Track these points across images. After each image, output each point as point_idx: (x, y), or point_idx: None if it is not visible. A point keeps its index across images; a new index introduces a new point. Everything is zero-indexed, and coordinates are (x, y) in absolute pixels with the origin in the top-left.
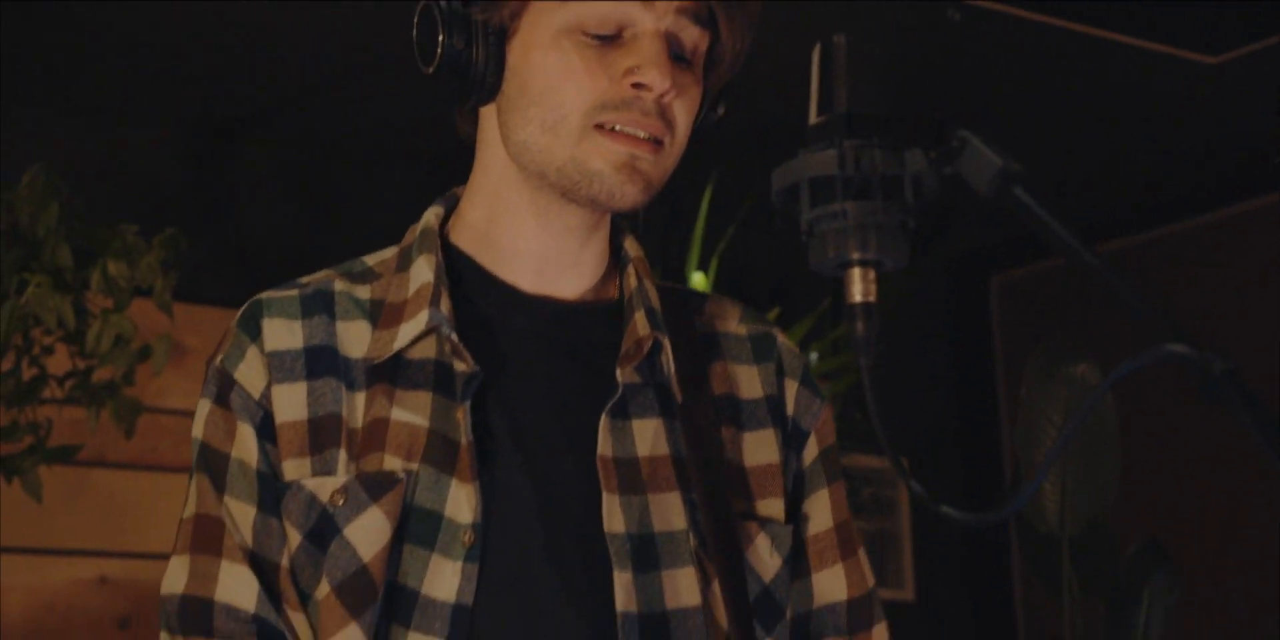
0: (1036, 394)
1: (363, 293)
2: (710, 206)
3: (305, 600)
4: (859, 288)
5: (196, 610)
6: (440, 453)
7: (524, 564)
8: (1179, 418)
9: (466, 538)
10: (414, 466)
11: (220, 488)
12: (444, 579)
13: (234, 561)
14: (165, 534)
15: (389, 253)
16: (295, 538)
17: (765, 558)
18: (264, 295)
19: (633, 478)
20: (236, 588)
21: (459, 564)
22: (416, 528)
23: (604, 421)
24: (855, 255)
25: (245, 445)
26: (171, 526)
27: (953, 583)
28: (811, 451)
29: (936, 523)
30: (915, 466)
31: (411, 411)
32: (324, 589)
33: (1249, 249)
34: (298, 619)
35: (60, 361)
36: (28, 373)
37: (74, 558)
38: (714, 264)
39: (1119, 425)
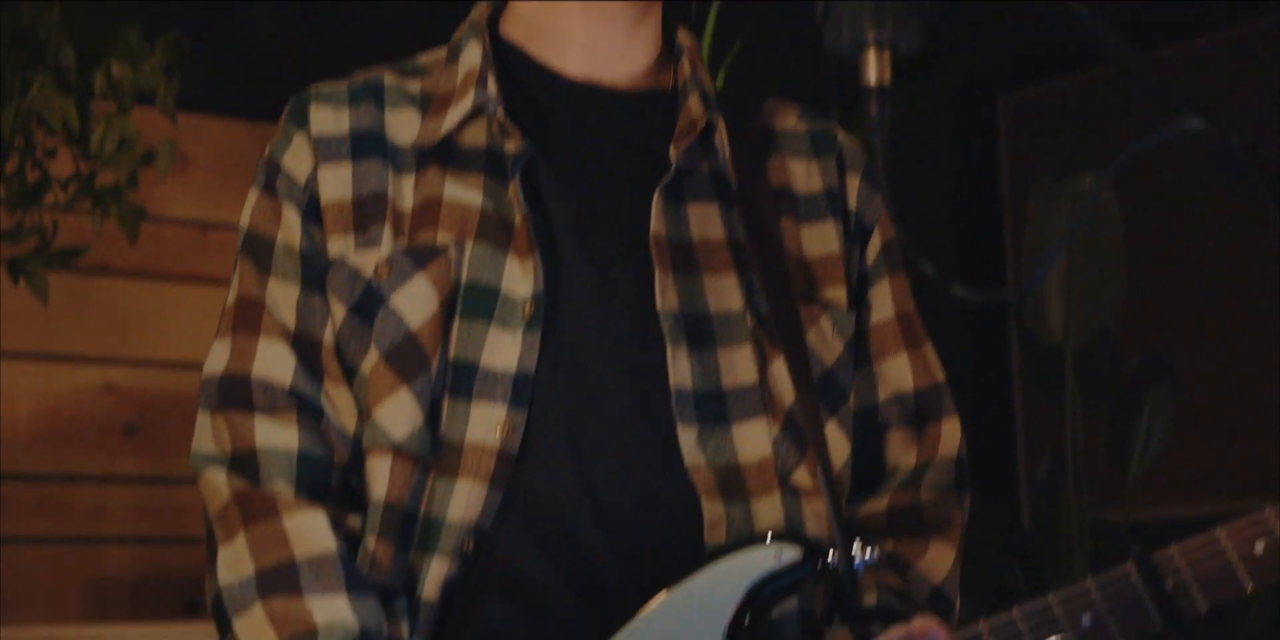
0: (1042, 210)
1: (413, 87)
2: (716, 23)
3: (352, 376)
4: (874, 70)
5: (235, 386)
6: (494, 229)
7: (581, 337)
8: (1185, 231)
9: (526, 309)
10: (467, 243)
11: (264, 270)
12: (504, 349)
13: (272, 339)
14: (170, 343)
15: (440, 50)
16: (340, 312)
17: (828, 339)
18: (313, 87)
19: (687, 258)
20: (274, 363)
21: (519, 334)
22: (471, 302)
23: (657, 200)
24: (871, 34)
25: (290, 227)
26: (175, 337)
27: (953, 393)
28: (875, 245)
29: (937, 335)
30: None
31: (464, 190)
32: (372, 359)
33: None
34: (340, 394)
35: (64, 166)
36: (31, 175)
37: (79, 364)
38: (720, 79)
39: (1125, 236)
